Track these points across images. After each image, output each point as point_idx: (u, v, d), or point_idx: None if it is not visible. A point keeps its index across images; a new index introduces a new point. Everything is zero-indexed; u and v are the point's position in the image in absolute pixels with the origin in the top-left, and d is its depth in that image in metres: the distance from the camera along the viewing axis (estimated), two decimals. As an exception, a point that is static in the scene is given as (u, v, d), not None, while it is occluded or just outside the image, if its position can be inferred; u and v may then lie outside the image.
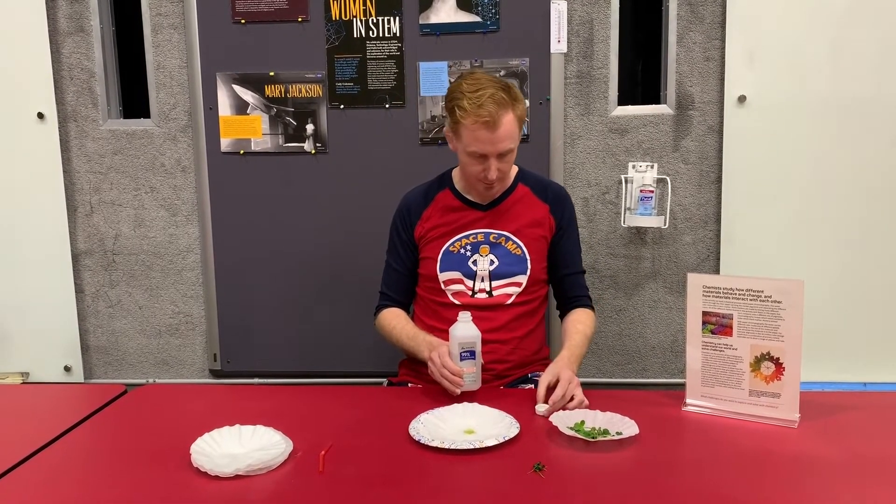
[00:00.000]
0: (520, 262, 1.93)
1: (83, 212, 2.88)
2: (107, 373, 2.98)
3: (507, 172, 1.87)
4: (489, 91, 1.76)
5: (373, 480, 1.28)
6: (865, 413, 1.58)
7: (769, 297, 1.51)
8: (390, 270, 2.03)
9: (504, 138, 1.78)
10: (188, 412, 1.63)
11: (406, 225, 2.00)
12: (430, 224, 1.96)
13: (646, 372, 2.80)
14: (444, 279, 1.93)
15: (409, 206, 2.01)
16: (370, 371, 2.70)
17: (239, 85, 2.72)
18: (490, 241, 1.93)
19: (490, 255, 1.92)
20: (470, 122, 1.77)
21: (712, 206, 2.69)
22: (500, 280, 1.92)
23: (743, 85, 2.60)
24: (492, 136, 1.77)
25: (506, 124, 1.77)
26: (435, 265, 1.93)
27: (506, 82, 1.83)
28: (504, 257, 1.92)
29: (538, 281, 1.96)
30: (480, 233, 1.93)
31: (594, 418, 1.50)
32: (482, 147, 1.79)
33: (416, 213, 1.99)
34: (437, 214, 1.97)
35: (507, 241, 1.93)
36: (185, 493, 1.25)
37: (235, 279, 2.83)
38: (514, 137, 1.81)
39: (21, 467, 1.37)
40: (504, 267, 1.92)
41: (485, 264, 1.92)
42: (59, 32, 2.79)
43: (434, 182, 2.03)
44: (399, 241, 2.01)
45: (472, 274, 1.92)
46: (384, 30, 2.64)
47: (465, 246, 1.93)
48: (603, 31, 2.63)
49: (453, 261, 1.93)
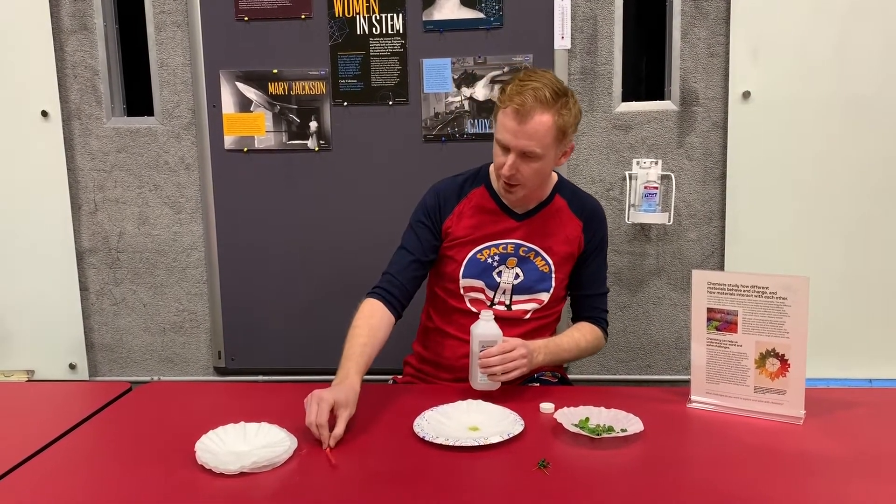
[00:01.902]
0: (545, 279, 1.86)
1: (87, 210, 2.89)
2: (111, 370, 2.99)
3: (527, 179, 1.75)
4: (536, 84, 1.67)
5: (377, 477, 1.28)
6: (871, 410, 1.58)
7: (774, 294, 1.51)
8: (403, 253, 1.87)
9: (530, 135, 1.67)
10: (193, 410, 1.63)
11: (434, 215, 1.88)
12: (461, 222, 1.87)
13: (650, 369, 2.80)
14: (464, 285, 1.86)
15: (440, 195, 1.89)
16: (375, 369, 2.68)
17: (242, 82, 2.72)
18: (519, 255, 1.85)
19: (517, 268, 1.85)
20: (504, 106, 1.69)
21: (717, 202, 2.68)
22: (521, 295, 1.86)
23: (747, 81, 2.59)
24: (517, 127, 1.67)
25: (537, 123, 1.67)
26: (459, 268, 1.86)
27: (564, 88, 1.72)
28: (530, 273, 1.85)
29: (558, 298, 1.91)
30: (511, 244, 1.85)
31: (599, 415, 1.50)
32: (505, 136, 1.70)
33: (448, 206, 1.88)
34: (470, 213, 1.87)
35: (537, 256, 1.86)
36: (189, 490, 1.25)
37: (239, 277, 2.83)
38: (543, 142, 1.69)
39: (26, 465, 1.37)
40: (528, 283, 1.85)
41: (509, 277, 1.85)
42: (62, 30, 2.79)
43: (470, 176, 1.93)
44: (421, 227, 1.88)
45: (494, 285, 1.85)
46: (387, 27, 2.64)
47: (493, 255, 1.85)
48: (607, 27, 2.63)
49: (478, 269, 1.85)
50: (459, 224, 1.87)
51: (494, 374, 1.62)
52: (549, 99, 1.67)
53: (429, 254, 1.88)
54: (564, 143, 1.76)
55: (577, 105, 1.75)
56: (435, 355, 1.95)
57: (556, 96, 1.68)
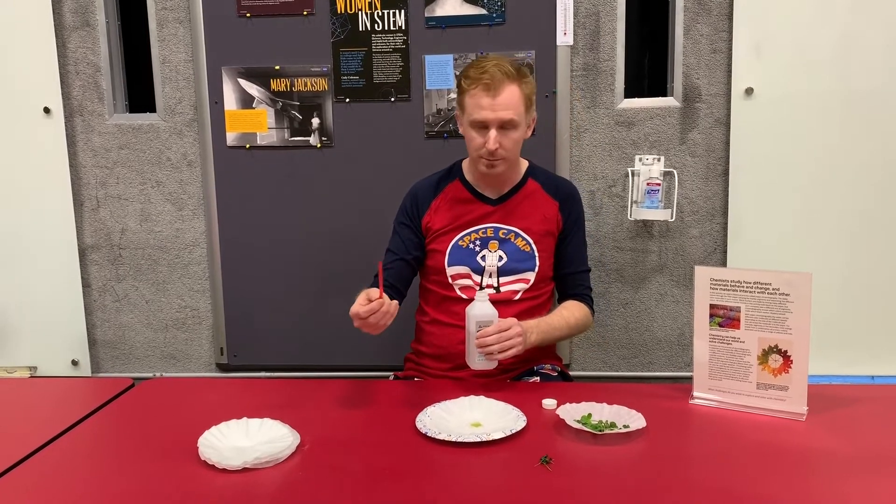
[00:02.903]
0: (528, 258, 1.92)
1: (90, 206, 2.89)
2: (114, 367, 2.99)
3: (509, 151, 1.84)
4: (495, 62, 1.80)
5: (379, 473, 1.28)
6: (873, 406, 1.58)
7: (777, 290, 1.51)
8: (388, 255, 1.99)
9: (505, 105, 1.78)
10: (195, 405, 1.63)
11: (413, 214, 1.98)
12: (438, 216, 1.95)
13: (652, 365, 2.80)
14: (451, 273, 1.92)
15: (417, 194, 2.00)
16: (376, 365, 2.70)
17: (244, 79, 2.71)
18: (499, 237, 1.92)
19: (499, 250, 1.92)
20: (472, 87, 1.79)
21: (719, 198, 2.68)
22: (508, 276, 1.91)
23: (750, 77, 2.58)
24: (492, 101, 1.77)
25: (507, 92, 1.78)
26: (443, 258, 1.93)
27: (517, 64, 1.84)
28: (513, 254, 1.92)
29: (546, 278, 1.96)
30: (490, 227, 1.92)
31: (601, 411, 1.50)
32: (482, 113, 1.79)
33: (424, 203, 1.98)
34: (446, 206, 1.95)
35: (517, 237, 1.92)
36: (192, 485, 1.25)
37: (242, 273, 2.83)
38: (517, 110, 1.80)
39: (29, 460, 1.37)
40: (512, 263, 1.91)
41: (493, 260, 1.91)
42: (64, 27, 2.79)
43: (444, 172, 2.02)
44: (403, 228, 1.99)
45: (480, 269, 1.91)
46: (390, 23, 2.63)
47: (474, 241, 1.92)
48: (609, 23, 2.62)
49: (462, 255, 1.92)
50: (437, 217, 1.95)
51: (491, 353, 1.65)
52: (512, 72, 1.80)
53: (412, 251, 1.97)
54: (530, 114, 1.88)
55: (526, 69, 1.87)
56: (432, 347, 1.98)
57: (516, 70, 1.81)
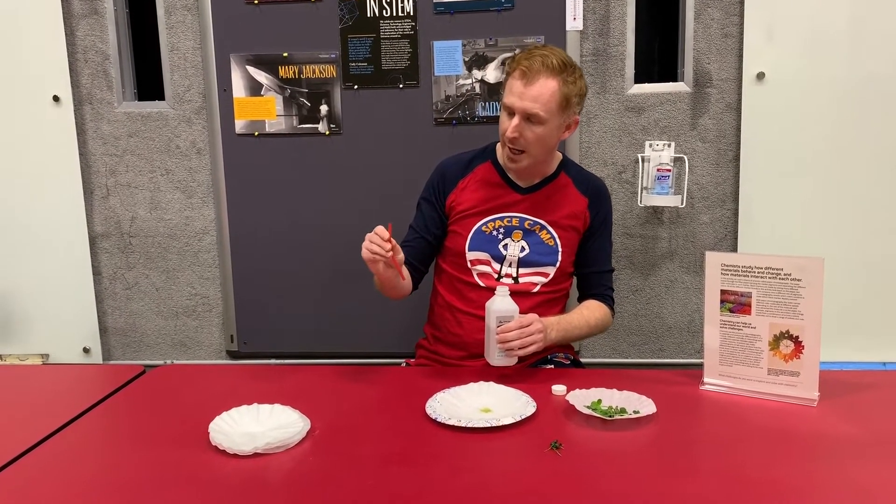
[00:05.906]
0: (551, 253, 1.89)
1: (100, 194, 2.90)
2: (125, 354, 3.01)
3: (530, 144, 1.78)
4: (545, 52, 1.75)
5: (390, 459, 1.29)
6: (885, 392, 1.57)
7: (788, 275, 1.50)
8: (410, 231, 1.95)
9: (534, 98, 1.72)
10: (206, 392, 1.64)
11: (439, 190, 1.93)
12: (465, 195, 1.90)
13: (662, 352, 2.79)
14: (471, 258, 1.89)
15: (445, 171, 1.94)
16: (387, 352, 2.70)
17: (253, 66, 2.71)
18: (524, 228, 1.88)
19: (522, 241, 1.88)
20: (513, 71, 1.75)
21: (730, 184, 2.66)
22: (528, 268, 1.88)
23: (761, 62, 2.56)
24: (523, 89, 1.73)
25: (541, 86, 1.72)
26: (464, 242, 1.89)
27: (573, 62, 1.78)
28: (536, 246, 1.88)
29: (566, 273, 1.93)
30: (516, 217, 1.88)
31: (611, 397, 1.50)
32: (510, 98, 1.75)
33: (452, 181, 1.92)
34: (474, 186, 1.90)
35: (542, 230, 1.88)
36: (204, 471, 1.26)
37: (251, 260, 2.84)
38: (547, 106, 1.73)
39: (41, 447, 1.38)
40: (534, 256, 1.88)
41: (515, 250, 1.88)
42: (73, 15, 2.79)
43: (478, 152, 1.96)
44: (427, 205, 1.94)
45: (500, 257, 1.88)
46: (398, 9, 2.62)
47: (498, 228, 1.88)
48: (619, 7, 2.60)
49: (484, 241, 1.88)
50: (463, 197, 1.90)
51: (512, 349, 1.63)
52: (556, 66, 1.73)
53: (433, 230, 1.93)
54: (568, 115, 1.80)
55: (584, 81, 1.81)
56: (446, 333, 1.95)
57: (564, 66, 1.74)
